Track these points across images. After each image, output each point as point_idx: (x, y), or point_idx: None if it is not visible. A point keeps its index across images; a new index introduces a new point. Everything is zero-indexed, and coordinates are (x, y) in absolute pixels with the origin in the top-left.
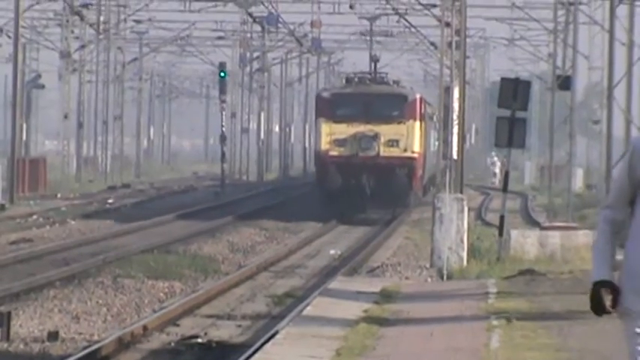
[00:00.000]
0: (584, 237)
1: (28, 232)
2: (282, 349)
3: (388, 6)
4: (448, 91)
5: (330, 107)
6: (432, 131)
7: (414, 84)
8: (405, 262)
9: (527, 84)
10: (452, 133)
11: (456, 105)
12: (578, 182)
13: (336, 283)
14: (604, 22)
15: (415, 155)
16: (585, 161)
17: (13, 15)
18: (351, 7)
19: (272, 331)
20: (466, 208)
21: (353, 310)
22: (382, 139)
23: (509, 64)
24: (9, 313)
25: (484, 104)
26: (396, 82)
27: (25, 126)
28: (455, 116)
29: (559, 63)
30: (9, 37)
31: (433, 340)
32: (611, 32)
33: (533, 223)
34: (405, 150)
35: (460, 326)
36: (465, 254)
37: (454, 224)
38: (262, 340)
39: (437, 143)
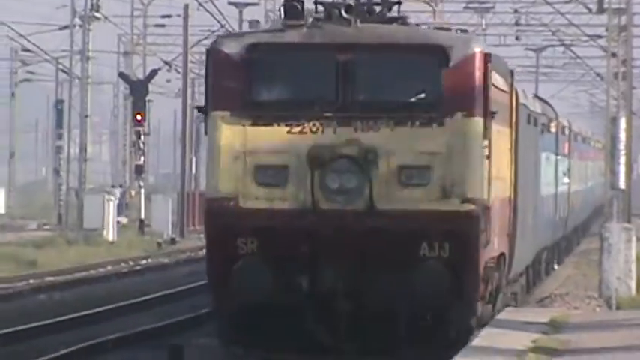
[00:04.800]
0: None
1: (198, 264)
2: None
3: (554, 37)
4: (615, 121)
5: (243, 83)
6: (549, 155)
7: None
8: (573, 292)
9: None
10: (619, 164)
11: (622, 136)
12: None
13: (505, 314)
14: None
15: (472, 209)
16: None
17: (181, 50)
18: (517, 38)
19: None
20: (634, 238)
21: (522, 340)
22: (384, 167)
23: None
24: (181, 347)
25: None
26: (437, 26)
27: (194, 160)
28: (622, 146)
29: None
30: (178, 72)
31: None
32: None
33: None
34: (446, 194)
35: (631, 356)
36: (633, 284)
37: (622, 254)
38: None
39: (567, 180)
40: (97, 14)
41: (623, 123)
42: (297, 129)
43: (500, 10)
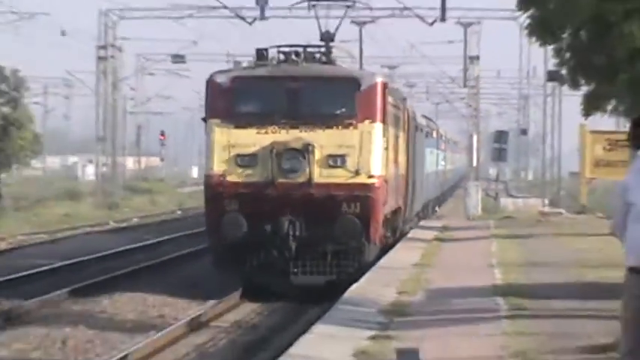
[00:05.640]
0: (534, 201)
1: None
2: (397, 252)
3: (444, 97)
4: (471, 137)
5: (228, 101)
6: (432, 149)
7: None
8: (452, 213)
9: (507, 132)
10: (472, 155)
11: (475, 142)
12: (530, 176)
13: (422, 223)
14: (545, 104)
15: (374, 182)
16: (533, 167)
17: None
18: (427, 98)
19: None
20: (480, 189)
21: (430, 234)
22: (318, 155)
23: (499, 122)
24: None
25: (487, 142)
26: (348, 60)
27: None
28: (474, 148)
29: (522, 122)
30: None
31: (467, 248)
32: (544, 109)
33: (511, 195)
34: (357, 172)
35: (479, 241)
36: (479, 209)
37: (474, 196)
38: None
39: (443, 163)
40: None
41: (475, 137)
42: (263, 131)
43: (419, 86)
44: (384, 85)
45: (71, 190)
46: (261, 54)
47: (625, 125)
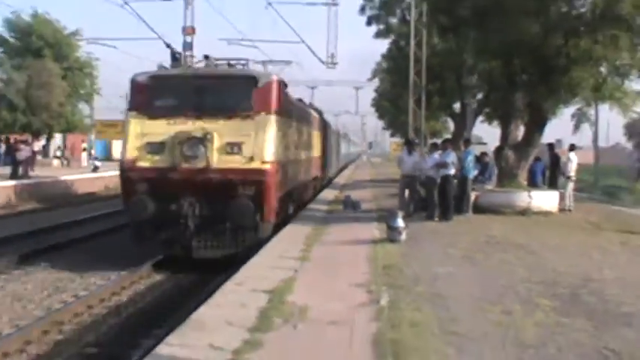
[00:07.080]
0: (380, 159)
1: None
2: (344, 172)
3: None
4: (363, 141)
5: (145, 97)
6: (345, 143)
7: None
8: (360, 168)
9: (372, 141)
10: (364, 146)
11: (364, 143)
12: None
13: (349, 167)
14: (382, 134)
15: (267, 167)
16: (379, 150)
17: None
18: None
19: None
20: (365, 156)
21: (352, 168)
22: (216, 143)
23: (370, 138)
24: None
25: (367, 143)
26: (246, 64)
27: None
28: (363, 144)
29: (377, 139)
30: None
31: (362, 170)
32: (382, 135)
33: (373, 157)
34: (252, 159)
35: (366, 169)
36: (365, 161)
37: (364, 158)
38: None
39: (351, 149)
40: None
41: (364, 142)
42: (172, 122)
43: (350, 127)
44: (280, 83)
45: None
46: (175, 57)
47: (403, 138)
